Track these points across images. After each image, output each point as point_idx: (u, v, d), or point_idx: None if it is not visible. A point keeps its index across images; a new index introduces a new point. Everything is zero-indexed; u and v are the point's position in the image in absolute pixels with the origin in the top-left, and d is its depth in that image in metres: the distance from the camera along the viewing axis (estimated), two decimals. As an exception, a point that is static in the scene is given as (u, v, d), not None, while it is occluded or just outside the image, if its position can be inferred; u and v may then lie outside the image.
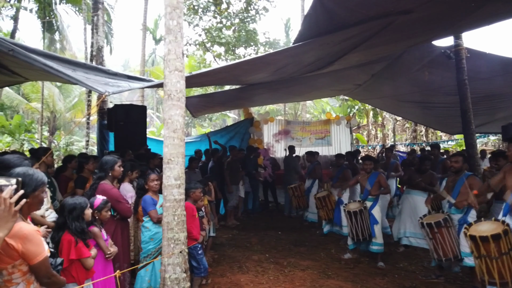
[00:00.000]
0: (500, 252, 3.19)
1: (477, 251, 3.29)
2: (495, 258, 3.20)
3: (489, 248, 3.21)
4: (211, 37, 14.29)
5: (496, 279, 3.20)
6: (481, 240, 3.22)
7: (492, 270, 3.23)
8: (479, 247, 3.25)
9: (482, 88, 8.21)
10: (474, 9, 4.45)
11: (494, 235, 3.17)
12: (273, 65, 5.84)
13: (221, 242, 6.68)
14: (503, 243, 3.19)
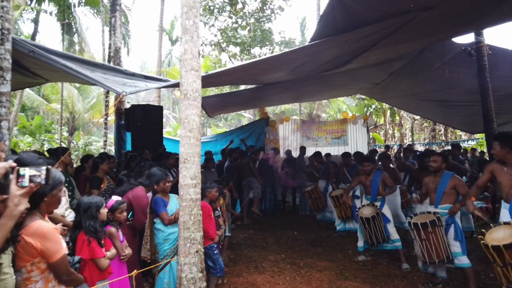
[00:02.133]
0: None
1: (501, 260, 3.12)
2: None
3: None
4: (226, 37, 14.30)
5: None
6: (505, 248, 3.04)
7: (510, 276, 3.08)
8: (503, 255, 3.08)
9: (504, 85, 7.99)
10: (497, 5, 4.31)
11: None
12: (290, 64, 5.79)
13: (238, 242, 6.67)
14: None
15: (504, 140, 3.47)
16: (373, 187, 5.42)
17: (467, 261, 4.11)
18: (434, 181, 4.43)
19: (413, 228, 4.19)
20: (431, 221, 4.05)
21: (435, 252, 4.06)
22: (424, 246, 4.12)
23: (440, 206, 4.29)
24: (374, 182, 5.42)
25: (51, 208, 2.13)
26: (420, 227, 4.09)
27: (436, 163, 4.41)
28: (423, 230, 4.08)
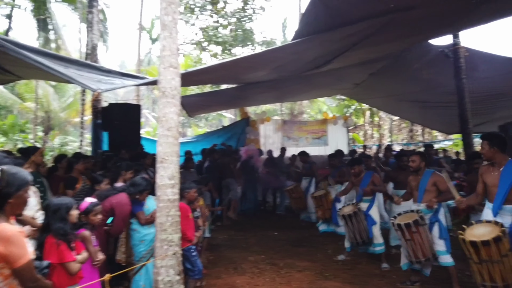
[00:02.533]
0: (501, 255, 3.08)
1: (477, 256, 3.16)
2: (497, 261, 3.08)
3: (490, 252, 3.09)
4: (207, 36, 14.19)
5: (499, 282, 3.10)
6: (483, 245, 3.09)
7: (494, 274, 3.13)
8: (479, 252, 3.12)
9: (481, 87, 8.16)
10: (474, 6, 4.38)
11: (495, 238, 3.06)
12: (272, 63, 5.75)
13: (218, 243, 6.58)
14: (504, 245, 3.09)
15: (493, 140, 3.50)
16: (361, 187, 5.40)
17: (450, 259, 4.13)
18: (416, 179, 4.46)
19: (397, 229, 4.19)
20: (414, 220, 4.05)
21: (421, 251, 4.08)
22: (410, 245, 4.13)
23: (422, 204, 4.31)
24: (363, 183, 5.39)
25: (17, 210, 2.00)
26: (404, 228, 4.09)
27: (415, 162, 4.44)
28: (407, 230, 4.09)
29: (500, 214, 3.36)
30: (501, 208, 3.38)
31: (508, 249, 3.10)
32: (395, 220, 4.27)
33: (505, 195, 3.34)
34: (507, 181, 3.33)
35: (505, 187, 3.34)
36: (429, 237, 4.12)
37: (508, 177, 3.34)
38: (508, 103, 9.48)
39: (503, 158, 3.46)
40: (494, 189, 3.43)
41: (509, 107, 9.74)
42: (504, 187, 3.34)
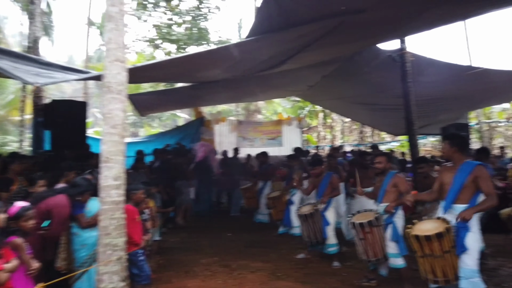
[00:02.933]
0: (443, 251, 3.20)
1: (421, 250, 3.27)
2: (439, 256, 3.20)
3: (433, 247, 3.20)
4: (161, 34, 13.80)
5: (440, 277, 3.22)
6: (426, 240, 3.20)
7: (435, 269, 3.24)
8: (423, 247, 3.23)
9: (425, 91, 8.58)
10: (420, 12, 4.58)
11: (437, 234, 3.17)
12: (225, 61, 5.66)
13: (169, 246, 6.36)
14: (447, 241, 3.20)
15: (454, 140, 3.59)
16: (321, 188, 5.44)
17: (401, 262, 4.10)
18: (380, 179, 4.49)
19: (352, 227, 4.26)
20: (368, 221, 4.10)
21: (372, 251, 4.14)
22: (362, 244, 4.20)
23: (381, 204, 4.34)
24: (322, 184, 5.43)
25: None
26: (358, 227, 4.14)
27: (381, 164, 4.47)
28: (361, 230, 4.14)
29: (449, 212, 3.44)
30: (451, 207, 3.46)
31: (450, 246, 3.21)
32: (351, 218, 4.34)
33: (456, 193, 3.42)
34: (459, 180, 3.41)
35: (457, 186, 3.41)
36: (382, 238, 4.16)
37: (462, 176, 3.41)
38: (450, 106, 10.08)
39: (460, 159, 3.52)
40: (448, 188, 3.50)
41: (451, 110, 10.36)
42: (456, 186, 3.42)
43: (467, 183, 3.37)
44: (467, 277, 3.19)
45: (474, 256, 3.26)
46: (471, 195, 3.39)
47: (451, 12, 4.94)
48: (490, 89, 9.36)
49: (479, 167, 3.41)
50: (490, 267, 4.87)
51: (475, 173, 3.36)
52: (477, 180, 3.35)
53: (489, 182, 3.39)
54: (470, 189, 3.39)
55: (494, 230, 5.82)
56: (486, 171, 3.43)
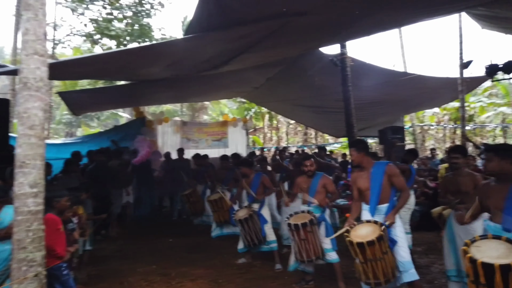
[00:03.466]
0: (382, 252, 3.22)
1: (363, 256, 3.26)
2: (380, 259, 3.20)
3: (374, 250, 3.20)
4: (99, 29, 13.02)
5: (381, 278, 3.22)
6: (368, 245, 3.17)
7: (377, 272, 3.24)
8: (365, 252, 3.22)
9: (364, 95, 8.92)
10: (359, 18, 4.68)
11: (378, 237, 3.18)
12: (165, 59, 5.40)
13: (104, 254, 5.96)
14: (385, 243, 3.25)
15: (359, 145, 3.71)
16: (252, 189, 5.41)
17: (336, 256, 4.33)
18: (307, 181, 4.58)
19: (293, 229, 4.21)
20: (310, 220, 4.14)
21: (312, 250, 4.16)
22: (303, 245, 4.18)
23: (312, 205, 4.45)
24: (253, 184, 5.43)
25: None
26: (300, 227, 4.13)
27: (313, 166, 4.59)
28: (303, 230, 4.14)
29: (377, 214, 3.56)
30: (377, 209, 3.58)
31: (387, 246, 3.28)
32: (289, 220, 4.31)
33: (378, 195, 3.55)
34: (377, 182, 3.55)
35: (377, 188, 3.55)
36: (318, 238, 4.24)
37: (377, 178, 3.56)
38: (387, 110, 10.59)
39: (369, 162, 3.68)
40: (368, 192, 3.62)
41: (388, 114, 10.89)
42: (375, 188, 3.55)
43: (384, 183, 3.54)
44: (406, 269, 3.34)
45: (405, 247, 3.47)
46: (389, 193, 3.58)
47: (387, 20, 5.13)
48: (423, 94, 9.98)
49: (389, 165, 3.62)
50: (423, 264, 5.11)
51: (387, 172, 3.55)
52: (391, 178, 3.54)
53: (400, 178, 3.62)
54: (387, 188, 3.57)
55: (426, 228, 6.14)
56: (396, 168, 3.65)
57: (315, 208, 4.44)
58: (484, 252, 2.42)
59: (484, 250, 2.45)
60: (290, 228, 4.25)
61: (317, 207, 4.46)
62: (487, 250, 2.43)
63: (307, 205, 4.56)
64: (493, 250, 2.42)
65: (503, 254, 2.35)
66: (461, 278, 3.75)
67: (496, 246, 2.44)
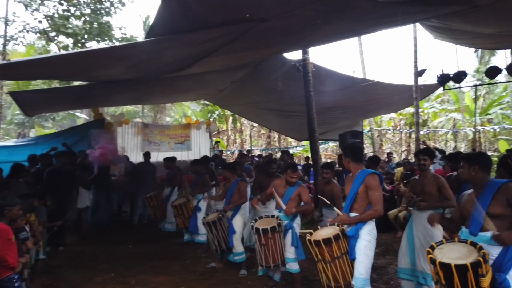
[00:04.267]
0: (342, 252, 3.28)
1: (322, 256, 3.30)
2: (338, 258, 3.26)
3: (332, 250, 3.26)
4: (55, 26, 12.44)
5: (341, 281, 3.27)
6: (324, 243, 3.25)
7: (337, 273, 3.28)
8: (323, 252, 3.27)
9: (325, 100, 9.18)
10: (320, 26, 4.80)
11: (335, 236, 3.25)
12: (126, 61, 5.25)
13: (59, 263, 5.68)
14: (342, 244, 3.29)
15: (346, 151, 3.65)
16: (228, 195, 5.33)
17: (296, 267, 4.26)
18: (284, 186, 4.51)
19: (255, 233, 4.20)
20: (271, 227, 4.10)
21: (272, 256, 4.14)
22: (263, 250, 4.17)
23: (282, 211, 4.37)
24: (230, 190, 5.32)
25: None
26: (261, 233, 4.11)
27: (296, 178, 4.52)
28: (263, 236, 4.11)
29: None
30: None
31: (346, 249, 3.33)
32: (254, 223, 4.30)
33: (350, 202, 3.46)
34: (353, 189, 3.45)
35: (350, 196, 3.46)
36: (282, 244, 4.21)
37: (355, 185, 3.43)
38: (347, 115, 10.94)
39: (355, 168, 3.52)
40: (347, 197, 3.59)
41: (347, 118, 11.25)
42: (350, 195, 3.47)
43: (360, 192, 3.38)
44: (359, 286, 3.24)
45: (366, 265, 3.30)
46: (365, 205, 3.38)
47: (347, 28, 5.30)
48: (381, 100, 10.42)
49: (370, 176, 3.37)
50: (380, 265, 5.31)
51: (366, 181, 3.35)
52: (367, 190, 3.34)
53: (376, 192, 3.35)
54: (364, 200, 3.38)
55: (382, 230, 6.36)
56: (376, 180, 3.38)
57: (284, 215, 4.35)
58: (445, 254, 2.51)
59: (446, 252, 2.53)
60: (253, 232, 4.23)
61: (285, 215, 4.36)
62: (449, 252, 2.52)
63: (278, 210, 4.49)
64: (454, 252, 2.50)
65: (463, 255, 2.44)
66: (416, 277, 3.91)
67: (459, 249, 2.53)
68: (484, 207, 2.66)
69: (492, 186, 2.71)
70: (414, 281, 3.95)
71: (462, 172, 2.86)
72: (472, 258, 2.36)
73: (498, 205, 2.62)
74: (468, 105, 20.48)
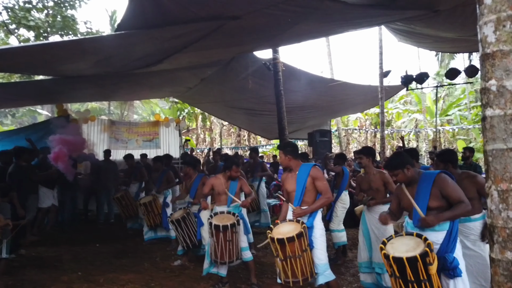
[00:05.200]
0: (302, 250, 3.30)
1: (282, 253, 3.31)
2: (299, 256, 3.29)
3: (294, 247, 3.27)
4: (15, 18, 11.89)
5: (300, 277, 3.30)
6: (288, 241, 3.24)
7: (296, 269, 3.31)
8: (285, 249, 3.27)
9: (294, 99, 9.33)
10: (290, 25, 4.91)
11: (298, 234, 3.26)
12: (93, 55, 5.13)
13: (22, 263, 5.47)
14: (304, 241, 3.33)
15: (287, 149, 3.75)
16: (192, 190, 5.34)
17: (249, 254, 4.42)
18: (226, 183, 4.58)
19: (213, 229, 4.17)
20: (231, 224, 4.12)
21: (229, 252, 4.16)
22: (221, 247, 4.15)
23: (232, 205, 4.52)
24: (194, 185, 5.34)
25: None
26: (221, 230, 4.10)
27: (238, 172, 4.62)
28: (223, 233, 4.10)
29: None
30: None
31: (307, 244, 3.37)
32: (212, 220, 4.24)
33: (300, 197, 3.58)
34: (301, 184, 3.59)
35: (300, 190, 3.58)
36: (238, 239, 4.26)
37: (302, 180, 3.58)
38: (315, 114, 11.18)
39: (296, 164, 3.70)
40: (293, 194, 3.66)
41: (316, 118, 11.50)
42: (299, 189, 3.59)
43: (308, 185, 3.56)
44: (322, 271, 3.44)
45: (324, 251, 3.52)
46: (314, 196, 3.60)
47: (316, 29, 5.45)
48: (348, 100, 10.73)
49: (314, 168, 3.61)
50: (347, 259, 5.51)
51: (311, 174, 3.55)
52: (314, 181, 3.55)
53: (324, 181, 3.61)
54: (311, 191, 3.58)
55: (349, 225, 6.58)
56: (320, 171, 3.67)
57: (235, 207, 4.48)
58: (396, 248, 2.70)
59: (397, 246, 2.73)
60: (213, 229, 4.16)
61: (237, 206, 4.49)
62: (400, 246, 2.71)
63: (226, 206, 4.56)
64: (404, 246, 2.70)
65: (411, 248, 2.65)
66: (372, 269, 4.15)
67: (407, 242, 2.74)
68: (425, 202, 2.86)
69: (427, 179, 2.92)
70: (373, 272, 4.15)
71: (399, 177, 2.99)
72: (420, 249, 2.57)
73: (435, 199, 2.84)
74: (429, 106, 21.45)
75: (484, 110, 1.74)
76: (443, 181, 2.86)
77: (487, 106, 1.72)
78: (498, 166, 1.68)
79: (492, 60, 1.67)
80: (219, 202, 4.64)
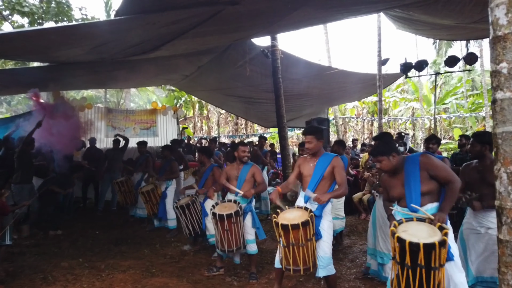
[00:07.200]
0: (306, 239, 3.28)
1: (286, 240, 3.31)
2: (302, 245, 3.27)
3: (298, 235, 3.25)
4: (9, 4, 11.70)
5: (301, 266, 3.31)
6: (292, 228, 3.24)
7: (298, 257, 3.31)
8: (289, 236, 3.27)
9: (292, 87, 9.31)
10: (289, 11, 4.86)
11: (303, 222, 3.23)
12: (89, 40, 5.06)
13: (21, 250, 5.49)
14: (309, 229, 3.29)
15: (318, 134, 3.65)
16: (202, 179, 5.32)
17: (255, 248, 4.40)
18: (236, 169, 4.56)
19: (217, 219, 4.19)
20: (235, 211, 4.13)
21: (234, 241, 4.20)
22: (225, 235, 4.18)
23: (239, 195, 4.43)
24: (204, 175, 5.31)
25: None
26: (225, 218, 4.12)
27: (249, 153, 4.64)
28: (227, 221, 4.13)
29: (310, 201, 3.58)
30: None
31: (312, 234, 3.34)
32: (214, 209, 4.27)
33: (316, 184, 3.57)
34: (319, 170, 3.57)
35: (318, 176, 3.57)
36: (242, 227, 4.29)
37: (322, 166, 3.57)
38: (312, 102, 11.16)
39: (321, 151, 3.67)
40: (308, 179, 3.63)
41: (313, 105, 11.48)
42: (316, 177, 3.58)
43: (326, 174, 3.54)
44: (325, 265, 3.41)
45: (330, 244, 3.48)
46: (329, 186, 3.59)
47: (314, 15, 5.40)
48: (345, 88, 10.69)
49: (336, 158, 3.59)
50: (346, 245, 5.57)
51: (333, 163, 3.54)
52: (334, 170, 3.53)
53: (343, 172, 3.58)
54: (328, 180, 3.57)
55: (347, 212, 6.65)
56: (342, 162, 3.62)
57: (242, 198, 4.42)
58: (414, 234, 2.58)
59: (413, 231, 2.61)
60: (215, 218, 4.21)
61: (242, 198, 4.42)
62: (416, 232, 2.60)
63: (234, 194, 4.54)
64: (420, 231, 2.59)
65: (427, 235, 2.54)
66: (375, 256, 4.17)
67: (421, 228, 2.64)
68: (417, 187, 2.82)
69: (412, 162, 2.88)
70: (376, 260, 4.20)
71: (383, 164, 2.95)
72: (437, 237, 2.49)
73: (426, 182, 2.81)
74: (427, 95, 21.47)
75: (494, 93, 1.72)
76: (428, 161, 2.83)
77: (497, 88, 1.71)
78: (508, 149, 1.68)
79: (503, 43, 1.66)
80: (231, 190, 4.60)
